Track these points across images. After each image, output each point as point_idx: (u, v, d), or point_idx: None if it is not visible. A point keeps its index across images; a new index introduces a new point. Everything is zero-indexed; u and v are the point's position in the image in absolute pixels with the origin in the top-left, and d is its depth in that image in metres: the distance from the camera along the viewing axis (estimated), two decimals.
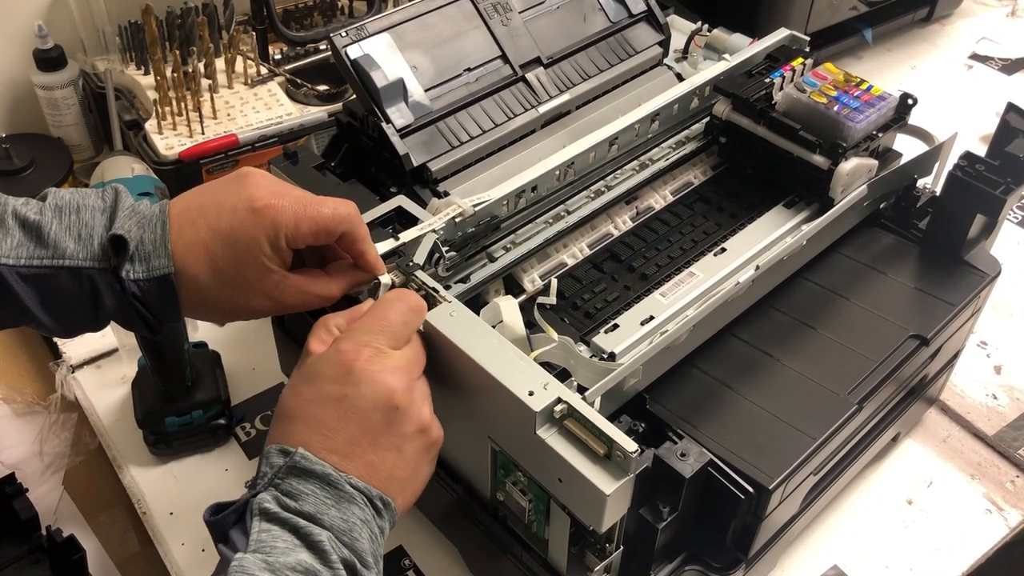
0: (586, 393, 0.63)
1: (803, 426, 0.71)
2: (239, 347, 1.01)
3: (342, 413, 0.55)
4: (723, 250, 0.79)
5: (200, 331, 1.02)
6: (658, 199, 0.85)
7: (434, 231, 0.70)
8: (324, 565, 0.51)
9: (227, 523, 0.53)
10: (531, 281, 0.77)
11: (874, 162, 0.83)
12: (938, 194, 0.87)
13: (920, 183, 0.88)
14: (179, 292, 0.60)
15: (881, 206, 0.90)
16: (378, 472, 0.56)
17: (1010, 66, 1.51)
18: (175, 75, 1.12)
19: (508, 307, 0.70)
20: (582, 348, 0.70)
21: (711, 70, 0.88)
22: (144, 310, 0.61)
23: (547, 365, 0.66)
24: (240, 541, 0.52)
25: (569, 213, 0.81)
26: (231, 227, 0.60)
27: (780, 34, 0.92)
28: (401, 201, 0.75)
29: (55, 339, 1.01)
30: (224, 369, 0.96)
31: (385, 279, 0.66)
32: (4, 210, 0.59)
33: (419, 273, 0.68)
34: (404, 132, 0.79)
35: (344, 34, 0.78)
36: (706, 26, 0.99)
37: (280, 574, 0.49)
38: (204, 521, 0.54)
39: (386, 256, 0.69)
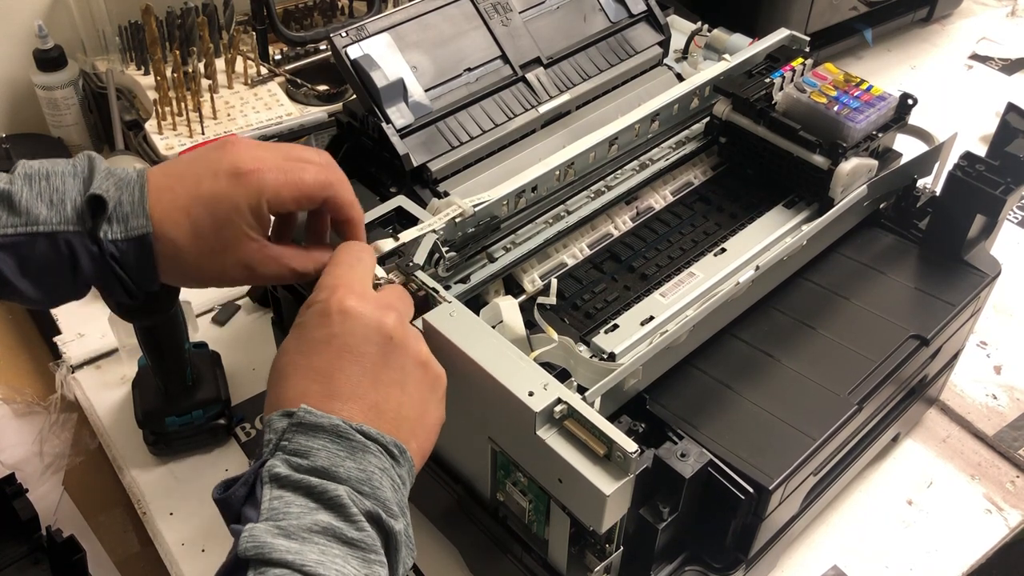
0: (586, 393, 0.63)
1: (803, 426, 0.71)
2: (239, 347, 1.01)
3: (334, 353, 0.53)
4: (723, 250, 0.79)
5: (200, 331, 1.02)
6: (658, 199, 0.85)
7: (434, 231, 0.70)
8: (345, 521, 0.48)
9: (237, 499, 0.51)
10: (531, 281, 0.77)
11: (874, 162, 0.83)
12: (938, 194, 0.87)
13: (920, 183, 0.88)
14: (157, 255, 0.59)
15: (881, 206, 0.90)
16: (384, 413, 0.53)
17: (1010, 66, 1.51)
18: (175, 75, 1.12)
19: (508, 307, 0.70)
20: (582, 348, 0.70)
21: (711, 70, 0.88)
22: (122, 272, 0.59)
23: (547, 365, 0.66)
24: (253, 516, 0.49)
25: (569, 213, 0.81)
26: (212, 193, 0.60)
27: (780, 34, 0.92)
28: (401, 201, 0.75)
29: (55, 339, 1.01)
30: (224, 369, 0.96)
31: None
32: None
33: (419, 273, 0.68)
34: (404, 132, 0.79)
35: (344, 34, 0.78)
36: (706, 26, 0.99)
37: (296, 537, 0.47)
38: (213, 500, 0.51)
39: (386, 256, 0.69)
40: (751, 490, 0.66)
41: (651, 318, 0.73)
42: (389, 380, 0.54)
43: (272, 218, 0.62)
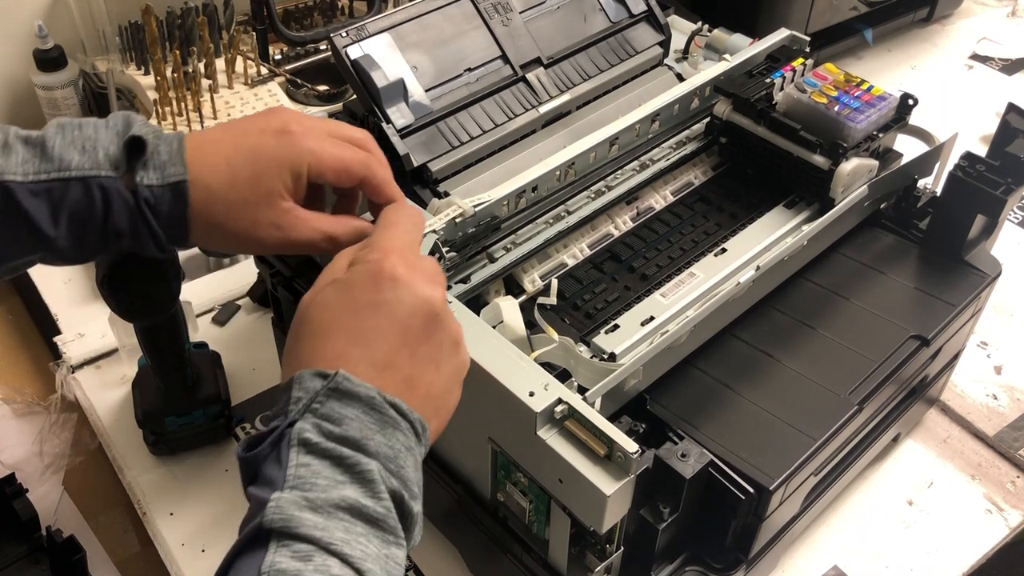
0: (586, 394, 0.63)
1: (804, 427, 0.71)
2: (239, 347, 1.01)
3: (381, 320, 0.52)
4: (723, 250, 0.79)
5: (200, 331, 1.02)
6: (658, 199, 0.85)
7: (434, 231, 0.70)
8: (372, 498, 0.47)
9: (261, 458, 0.49)
10: (531, 281, 0.77)
11: (874, 162, 0.83)
12: (938, 194, 0.87)
13: (920, 183, 0.88)
14: (191, 203, 0.59)
15: (881, 206, 0.90)
16: (416, 389, 0.52)
17: (1010, 66, 1.51)
18: (175, 75, 1.12)
19: (508, 307, 0.70)
20: (582, 348, 0.70)
21: (711, 70, 0.88)
22: (153, 220, 0.59)
23: (547, 366, 0.66)
24: (275, 475, 0.47)
25: (569, 213, 0.81)
26: (256, 146, 0.60)
27: (780, 34, 0.92)
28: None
29: (55, 339, 1.01)
30: (224, 369, 0.96)
31: None
32: (6, 133, 0.58)
33: None
34: (404, 132, 0.78)
35: (344, 34, 0.78)
36: (706, 26, 0.99)
37: (323, 512, 0.45)
38: (237, 458, 0.50)
39: None
40: (751, 490, 0.66)
41: (651, 318, 0.73)
42: (426, 356, 0.53)
43: (306, 189, 0.62)
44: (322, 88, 1.21)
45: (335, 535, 0.45)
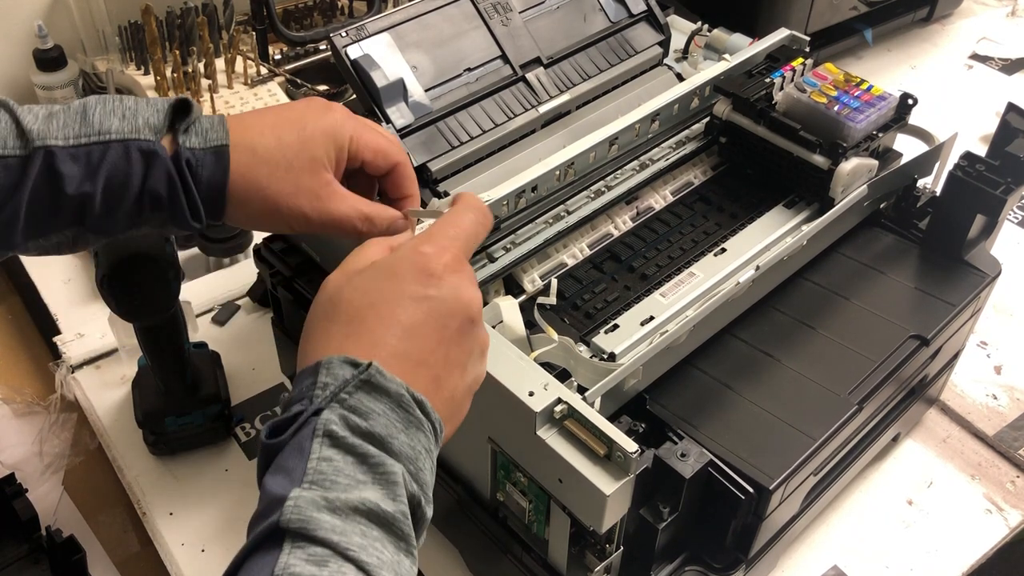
0: (586, 393, 0.63)
1: (803, 426, 0.71)
2: (239, 347, 1.01)
3: (423, 315, 0.51)
4: (723, 250, 0.79)
5: (200, 331, 1.02)
6: (658, 199, 0.85)
7: None
8: (391, 501, 0.46)
9: (282, 443, 0.47)
10: (531, 281, 0.77)
11: (874, 162, 0.83)
12: (938, 194, 0.87)
13: (920, 183, 0.88)
14: (232, 169, 0.59)
15: (881, 206, 0.90)
16: (441, 391, 0.51)
17: (1010, 66, 1.51)
18: (175, 75, 1.12)
19: (508, 307, 0.70)
20: (582, 348, 0.70)
21: (711, 70, 0.88)
22: (192, 184, 0.58)
23: (547, 365, 0.66)
24: (295, 465, 0.45)
25: (569, 213, 0.81)
26: (302, 115, 0.61)
27: (780, 34, 0.92)
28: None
29: (55, 339, 1.01)
30: (224, 369, 0.96)
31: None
32: (50, 108, 0.59)
33: None
34: (404, 132, 0.78)
35: (344, 34, 0.78)
36: (706, 26, 0.99)
37: (341, 514, 0.44)
38: (261, 444, 0.48)
39: None
40: (751, 490, 0.66)
41: (651, 318, 0.73)
42: (456, 360, 0.52)
43: (343, 170, 0.63)
44: (322, 88, 1.21)
45: (352, 540, 0.44)
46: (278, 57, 1.26)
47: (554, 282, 0.76)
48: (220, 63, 1.19)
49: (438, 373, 0.51)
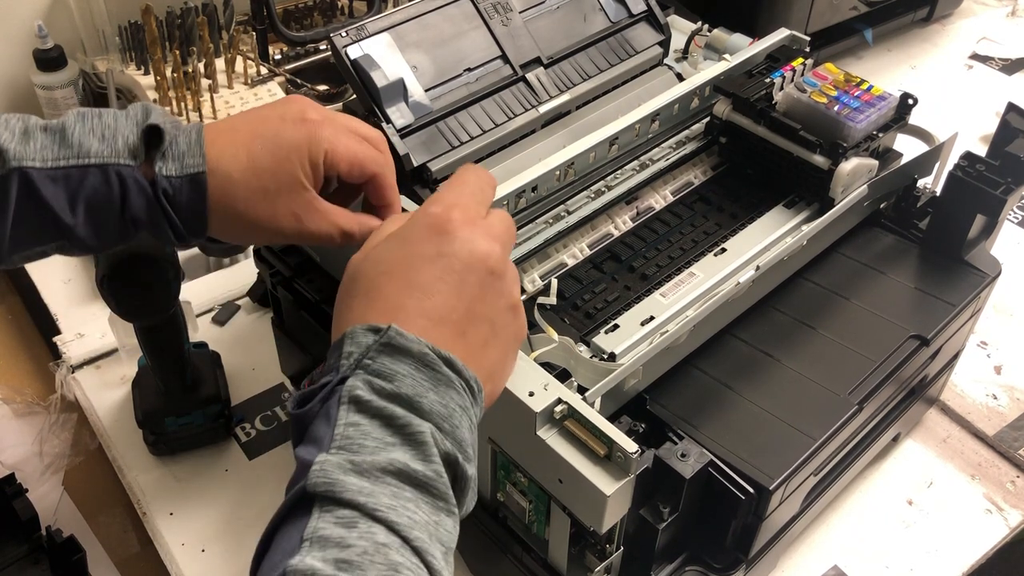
0: (586, 394, 0.63)
1: (803, 426, 0.71)
2: (239, 347, 1.01)
3: (438, 272, 0.50)
4: (723, 250, 0.79)
5: (200, 331, 1.02)
6: (658, 199, 0.85)
7: None
8: (422, 462, 0.45)
9: (311, 414, 0.48)
10: (531, 281, 0.77)
11: (874, 162, 0.83)
12: (938, 194, 0.87)
13: (920, 183, 0.88)
14: (210, 194, 0.59)
15: (881, 206, 0.90)
16: (471, 346, 0.50)
17: (1010, 66, 1.51)
18: (175, 75, 1.12)
19: None
20: (582, 348, 0.70)
21: (711, 70, 0.88)
22: (172, 212, 0.59)
23: (547, 365, 0.66)
24: (323, 433, 0.46)
25: (569, 213, 0.81)
26: (276, 132, 0.60)
27: (780, 34, 0.92)
28: (402, 202, 0.75)
29: (55, 339, 1.01)
30: (224, 369, 0.96)
31: None
32: (26, 122, 0.59)
33: None
34: (404, 132, 0.78)
35: (344, 34, 0.78)
36: (706, 26, 0.99)
37: (369, 476, 0.44)
38: (289, 415, 0.48)
39: None
40: (751, 490, 0.66)
41: (651, 318, 0.73)
42: (482, 315, 0.51)
43: (323, 179, 0.62)
44: (322, 88, 1.21)
45: (381, 500, 0.44)
46: (278, 57, 1.26)
47: (554, 282, 0.76)
48: (220, 63, 1.19)
49: (464, 329, 0.50)
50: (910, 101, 0.84)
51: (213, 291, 1.07)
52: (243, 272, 1.09)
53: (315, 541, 0.42)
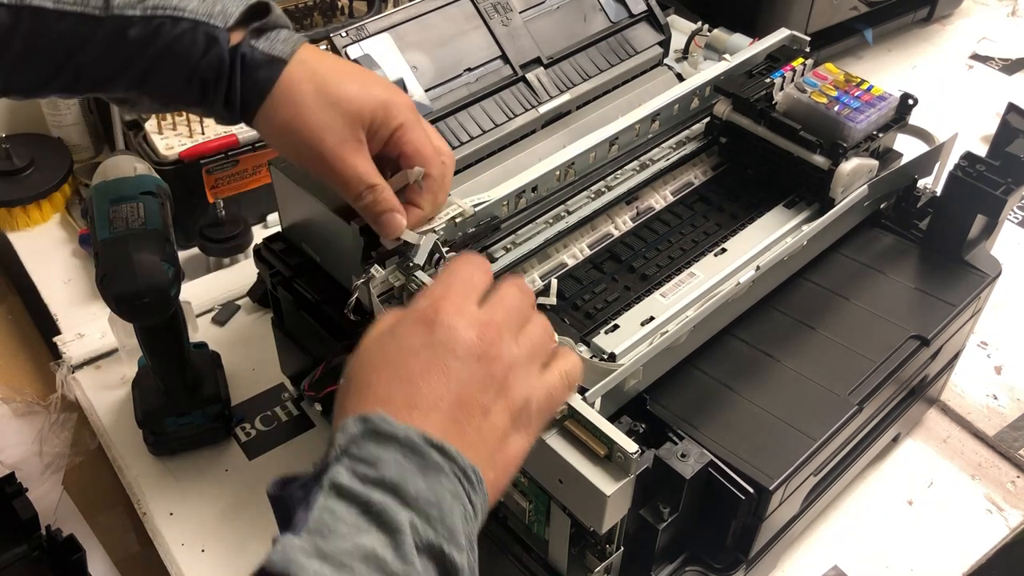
0: (586, 394, 0.63)
1: (804, 427, 0.71)
2: (239, 347, 1.01)
3: (423, 363, 0.50)
4: (723, 250, 0.79)
5: (200, 331, 1.02)
6: (658, 199, 0.85)
7: (434, 231, 0.70)
8: (392, 550, 0.43)
9: (295, 500, 0.46)
10: (531, 281, 0.77)
11: (874, 162, 0.83)
12: (938, 194, 0.87)
13: (920, 183, 0.88)
14: (283, 78, 0.63)
15: (881, 206, 0.90)
16: (465, 434, 0.49)
17: (1010, 66, 1.51)
18: None
19: None
20: (582, 349, 0.70)
21: (711, 70, 0.88)
22: (239, 77, 0.63)
23: None
24: (301, 519, 0.44)
25: (569, 213, 0.81)
26: (373, 81, 0.65)
27: (780, 34, 0.92)
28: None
29: (55, 339, 1.01)
30: (224, 369, 0.96)
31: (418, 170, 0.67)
32: None
33: (419, 274, 0.68)
34: None
35: (344, 34, 0.78)
36: (706, 26, 0.99)
37: (332, 561, 0.41)
38: (268, 496, 0.47)
39: (386, 257, 0.69)
40: (751, 490, 0.66)
41: (651, 318, 0.73)
42: (473, 402, 0.50)
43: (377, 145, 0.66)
44: None
45: None
46: None
47: (554, 282, 0.76)
48: None
49: (456, 416, 0.49)
50: (910, 101, 0.84)
51: (213, 291, 1.07)
52: (243, 272, 1.09)
53: None
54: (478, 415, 0.50)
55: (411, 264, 0.68)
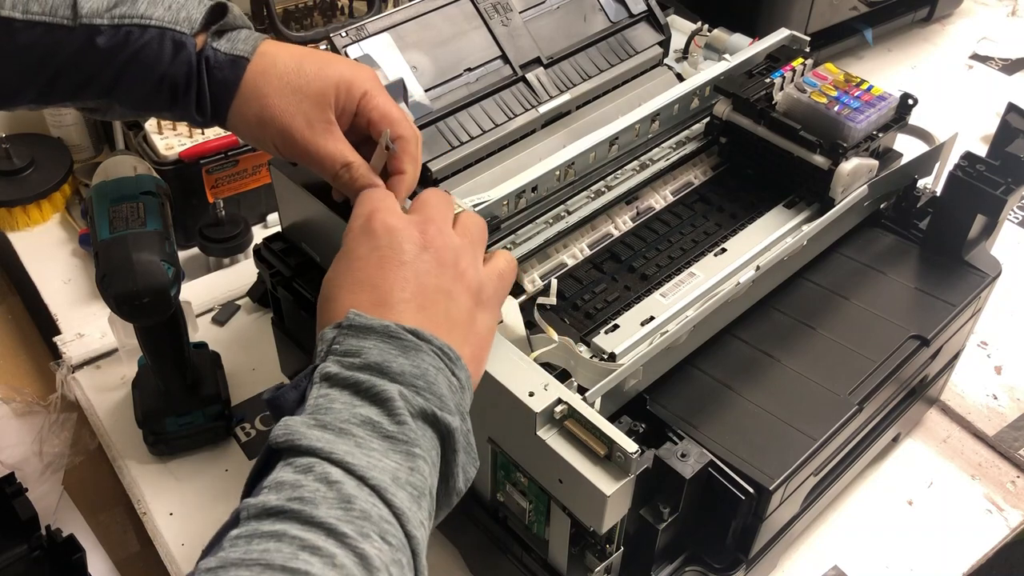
0: (586, 394, 0.63)
1: (804, 427, 0.71)
2: (239, 347, 1.01)
3: (376, 263, 0.54)
4: (723, 250, 0.79)
5: (200, 331, 1.02)
6: (658, 199, 0.85)
7: None
8: (387, 415, 0.48)
9: (287, 401, 0.50)
10: (531, 281, 0.77)
11: (874, 162, 0.83)
12: (938, 194, 0.87)
13: (920, 183, 0.88)
14: (246, 76, 0.64)
15: (881, 206, 0.90)
16: (433, 318, 0.53)
17: (1010, 66, 1.51)
18: None
19: (508, 308, 0.70)
20: (582, 349, 0.70)
21: (711, 70, 0.88)
22: (206, 80, 0.64)
23: (547, 366, 0.66)
24: (297, 410, 0.49)
25: (569, 213, 0.81)
26: (330, 60, 0.66)
27: (780, 34, 0.92)
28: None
29: (55, 339, 1.01)
30: (224, 369, 0.96)
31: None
32: None
33: None
34: None
35: (344, 34, 0.78)
36: (706, 26, 0.99)
37: (332, 429, 0.46)
38: (264, 401, 0.52)
39: None
40: (751, 490, 0.66)
41: (651, 318, 0.73)
42: (434, 287, 0.55)
43: (346, 121, 0.66)
44: None
45: (339, 447, 0.45)
46: None
47: (554, 282, 0.76)
48: None
49: (421, 303, 0.54)
50: (910, 101, 0.84)
51: (213, 291, 1.07)
52: (243, 272, 1.09)
53: (272, 487, 0.44)
54: (442, 300, 0.54)
55: None
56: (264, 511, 0.43)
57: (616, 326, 0.73)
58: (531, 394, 0.60)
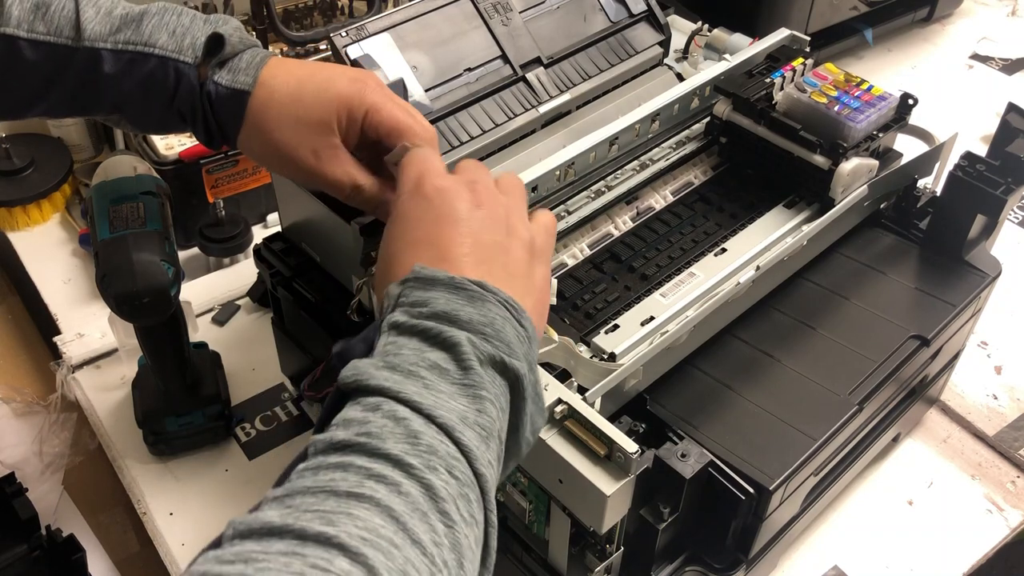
0: (586, 394, 0.63)
1: (804, 427, 0.71)
2: (239, 347, 1.01)
3: (432, 222, 0.55)
4: (723, 250, 0.79)
5: (200, 331, 1.02)
6: (658, 199, 0.85)
7: None
8: (454, 361, 0.48)
9: (356, 352, 0.50)
10: None
11: (875, 162, 0.83)
12: (939, 194, 0.87)
13: (920, 183, 0.88)
14: (249, 108, 0.64)
15: (881, 206, 0.90)
16: (494, 271, 0.53)
17: (1010, 66, 1.51)
18: None
19: None
20: (582, 348, 0.70)
21: (711, 70, 0.88)
22: (211, 112, 0.64)
23: (547, 366, 0.66)
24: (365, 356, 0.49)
25: (569, 213, 0.81)
26: (330, 78, 0.65)
27: (780, 34, 0.92)
28: None
29: (55, 339, 1.01)
30: (224, 369, 0.96)
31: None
32: (112, 4, 0.64)
33: None
34: None
35: (344, 34, 0.78)
36: (706, 26, 0.99)
37: (400, 370, 0.46)
38: (333, 354, 0.51)
39: None
40: (751, 490, 0.66)
41: (651, 318, 0.73)
42: (490, 242, 0.55)
43: (354, 140, 0.66)
44: None
45: (407, 387, 0.45)
46: None
47: (554, 282, 0.76)
48: None
49: (481, 258, 0.53)
50: (910, 101, 0.84)
51: (213, 291, 1.07)
52: (243, 272, 1.09)
53: (340, 424, 0.45)
54: (500, 254, 0.55)
55: None
56: (331, 445, 0.43)
57: (616, 326, 0.73)
58: None
